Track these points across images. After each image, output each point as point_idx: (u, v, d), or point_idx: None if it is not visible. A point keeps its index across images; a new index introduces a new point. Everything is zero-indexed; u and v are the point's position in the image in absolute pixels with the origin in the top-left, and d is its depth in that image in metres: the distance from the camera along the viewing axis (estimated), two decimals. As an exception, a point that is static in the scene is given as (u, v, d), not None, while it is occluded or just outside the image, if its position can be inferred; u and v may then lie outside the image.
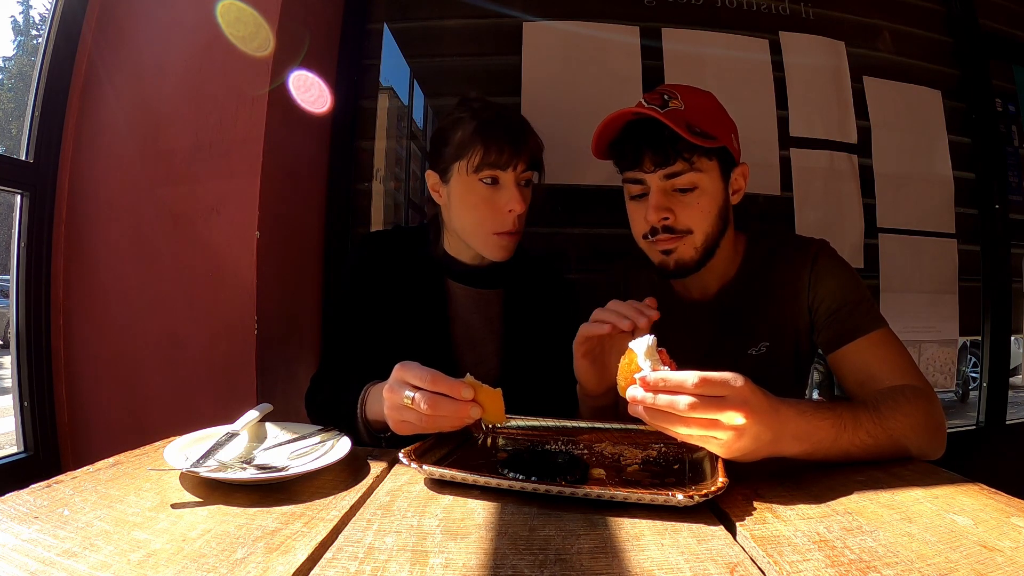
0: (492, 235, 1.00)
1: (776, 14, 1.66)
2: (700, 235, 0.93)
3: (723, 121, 0.97)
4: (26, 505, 0.51)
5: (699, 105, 0.94)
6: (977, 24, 1.79)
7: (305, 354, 1.41)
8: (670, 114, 0.89)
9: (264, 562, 0.42)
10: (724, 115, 0.98)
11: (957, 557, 0.45)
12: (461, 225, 1.03)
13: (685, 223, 0.92)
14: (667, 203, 0.92)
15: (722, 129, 0.94)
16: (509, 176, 0.98)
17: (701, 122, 0.90)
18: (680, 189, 0.92)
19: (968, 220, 1.75)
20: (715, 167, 0.93)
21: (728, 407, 0.58)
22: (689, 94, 0.94)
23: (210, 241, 1.20)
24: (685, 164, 0.90)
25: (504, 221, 0.99)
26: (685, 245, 0.93)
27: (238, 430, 0.71)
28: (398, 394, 0.71)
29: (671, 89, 0.94)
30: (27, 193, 1.17)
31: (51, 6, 1.22)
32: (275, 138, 1.23)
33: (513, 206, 0.98)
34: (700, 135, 0.88)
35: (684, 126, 0.87)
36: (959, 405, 2.18)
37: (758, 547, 0.46)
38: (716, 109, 0.98)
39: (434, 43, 1.60)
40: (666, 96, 0.92)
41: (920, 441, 0.73)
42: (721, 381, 0.59)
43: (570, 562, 0.44)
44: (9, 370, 1.17)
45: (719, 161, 0.94)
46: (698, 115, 0.91)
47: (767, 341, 0.98)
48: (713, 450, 0.62)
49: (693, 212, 0.92)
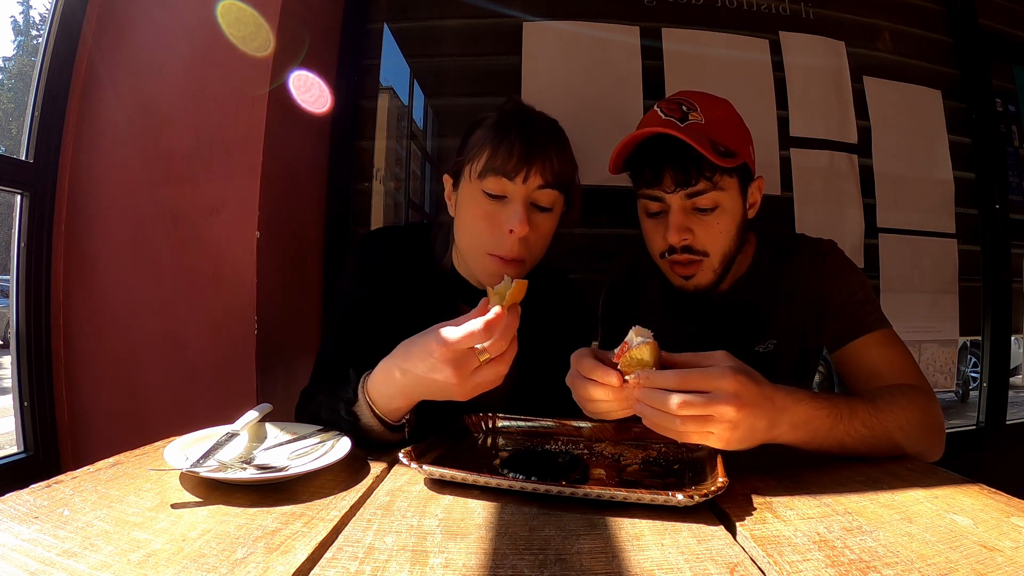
0: (487, 255, 0.85)
1: (776, 14, 1.66)
2: (717, 257, 0.91)
3: (742, 133, 0.93)
4: (26, 505, 0.50)
5: (719, 118, 0.90)
6: (977, 24, 1.80)
7: (305, 354, 1.41)
8: (692, 129, 0.85)
9: (264, 562, 0.42)
10: (742, 126, 0.94)
11: (957, 557, 0.45)
12: (459, 240, 0.90)
13: (704, 244, 0.90)
14: (687, 223, 0.89)
15: (742, 143, 0.90)
16: (518, 189, 0.83)
17: (723, 137, 0.87)
18: (701, 208, 0.89)
19: (968, 220, 1.75)
20: (735, 184, 0.90)
21: (717, 403, 0.59)
22: (708, 105, 0.90)
23: (210, 241, 1.20)
24: (707, 183, 0.86)
25: (501, 242, 0.83)
26: (704, 270, 0.92)
27: (238, 430, 0.71)
28: (470, 360, 0.65)
29: (689, 99, 0.90)
30: (27, 193, 1.17)
31: (51, 6, 1.22)
32: (275, 138, 1.23)
33: (514, 225, 0.81)
34: (723, 154, 0.85)
35: (708, 144, 0.84)
36: (959, 405, 2.18)
37: (758, 547, 0.46)
38: (735, 121, 0.94)
39: (434, 43, 1.60)
40: (685, 107, 0.89)
41: (916, 438, 0.73)
42: (701, 377, 0.60)
43: (570, 562, 0.44)
44: (9, 370, 1.17)
45: (739, 177, 0.91)
46: (719, 129, 0.88)
47: (775, 339, 0.98)
48: (712, 444, 0.62)
49: (713, 233, 0.90)
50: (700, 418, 0.59)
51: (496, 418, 0.86)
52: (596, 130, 1.52)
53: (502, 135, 0.83)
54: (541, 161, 0.82)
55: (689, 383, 0.60)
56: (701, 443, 0.62)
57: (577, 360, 0.68)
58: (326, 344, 0.96)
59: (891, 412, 0.72)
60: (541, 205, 0.85)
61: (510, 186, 0.83)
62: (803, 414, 0.66)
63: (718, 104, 0.93)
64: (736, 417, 0.59)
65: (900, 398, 0.74)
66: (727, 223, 0.90)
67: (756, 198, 0.96)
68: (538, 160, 0.82)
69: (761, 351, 0.98)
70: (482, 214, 0.85)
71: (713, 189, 0.87)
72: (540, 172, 0.83)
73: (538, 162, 0.82)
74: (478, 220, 0.85)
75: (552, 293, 1.01)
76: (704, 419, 0.59)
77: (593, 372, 0.65)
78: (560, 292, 1.04)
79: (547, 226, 0.88)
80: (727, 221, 0.90)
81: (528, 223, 0.82)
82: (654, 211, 0.92)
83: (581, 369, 0.67)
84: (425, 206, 1.66)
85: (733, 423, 0.60)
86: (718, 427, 0.60)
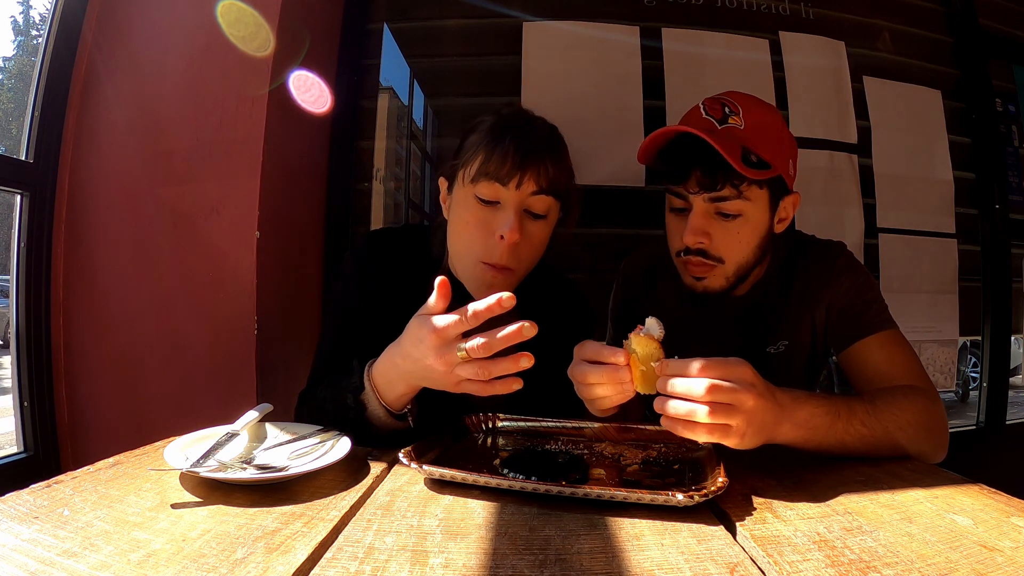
0: (479, 263, 0.84)
1: (776, 14, 1.66)
2: (732, 265, 0.89)
3: (783, 145, 0.89)
4: (26, 505, 0.50)
5: (761, 125, 0.87)
6: (977, 24, 1.80)
7: (305, 354, 1.41)
8: (727, 134, 0.83)
9: (264, 562, 0.42)
10: (786, 138, 0.90)
11: (957, 557, 0.45)
12: (451, 246, 0.89)
13: (719, 251, 0.88)
14: (707, 227, 0.87)
15: (780, 155, 0.87)
16: (511, 195, 0.82)
17: (760, 146, 0.84)
18: (723, 213, 0.87)
19: (968, 220, 1.75)
20: (765, 196, 0.88)
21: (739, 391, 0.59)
22: (753, 110, 0.87)
23: (210, 241, 1.20)
24: (733, 191, 0.84)
25: (492, 249, 0.82)
26: (716, 275, 0.90)
27: (238, 430, 0.71)
28: (449, 355, 0.65)
29: (734, 101, 0.88)
30: (27, 193, 1.17)
31: (51, 6, 1.22)
32: (275, 138, 1.23)
33: (505, 231, 0.80)
34: (755, 165, 0.83)
35: (739, 152, 0.82)
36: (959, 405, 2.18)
37: (758, 547, 0.46)
38: (778, 131, 0.89)
39: (434, 43, 1.60)
40: (727, 109, 0.86)
41: (917, 439, 0.73)
42: (722, 365, 0.60)
43: (570, 562, 0.44)
44: (9, 370, 1.17)
45: (770, 190, 0.88)
46: (758, 137, 0.85)
47: (786, 340, 0.98)
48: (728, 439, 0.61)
49: (731, 241, 0.88)
50: (724, 408, 0.59)
51: (496, 418, 0.86)
52: (596, 130, 1.53)
53: (497, 140, 0.82)
54: (536, 167, 0.81)
55: (712, 370, 0.60)
56: (715, 438, 0.61)
57: (580, 347, 0.68)
58: (323, 347, 0.94)
59: (891, 413, 0.72)
60: (535, 212, 0.84)
61: (503, 191, 0.82)
62: (804, 413, 0.66)
63: (764, 111, 0.90)
64: (754, 406, 0.60)
65: (901, 400, 0.74)
66: (748, 233, 0.88)
67: (788, 213, 0.92)
68: (532, 166, 0.81)
69: (773, 352, 0.99)
70: (474, 220, 0.84)
71: (738, 197, 0.85)
72: (534, 178, 0.81)
73: (532, 168, 0.81)
74: (470, 227, 0.84)
75: (554, 295, 1.00)
76: (727, 409, 0.59)
77: (599, 353, 0.66)
78: (562, 294, 1.03)
79: (540, 235, 0.86)
80: (749, 231, 0.88)
81: (520, 230, 0.81)
82: (677, 207, 0.91)
83: (585, 352, 0.67)
84: (425, 206, 1.65)
85: (750, 414, 0.60)
86: (737, 419, 0.59)
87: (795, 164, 0.91)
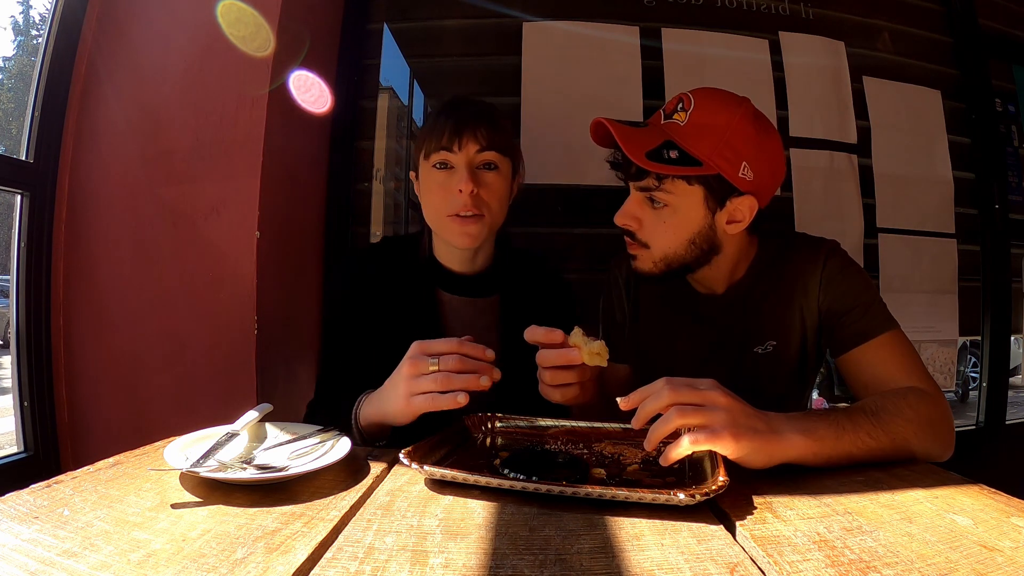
0: (447, 218, 0.97)
1: (776, 14, 1.66)
2: (659, 252, 0.92)
3: (732, 147, 0.86)
4: (26, 505, 0.50)
5: (705, 125, 0.86)
6: (977, 24, 1.80)
7: (305, 354, 1.41)
8: (660, 128, 0.88)
9: (264, 562, 0.42)
10: (740, 141, 0.86)
11: (957, 557, 0.45)
12: (427, 217, 1.02)
13: (646, 236, 0.92)
14: (637, 212, 0.92)
15: (722, 155, 0.85)
16: (460, 158, 0.95)
17: (692, 144, 0.85)
18: (653, 200, 0.90)
19: (968, 220, 1.75)
20: (697, 192, 0.88)
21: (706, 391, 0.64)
22: (707, 110, 0.87)
23: (210, 241, 1.20)
24: (653, 181, 0.88)
25: (454, 202, 0.95)
26: (643, 257, 0.94)
27: (238, 430, 0.71)
28: (421, 363, 0.74)
29: (693, 98, 0.89)
30: (27, 193, 1.17)
31: (51, 6, 1.22)
32: (275, 138, 1.23)
33: (462, 185, 0.94)
34: (672, 161, 0.85)
35: (654, 146, 0.85)
36: (959, 405, 2.18)
37: (758, 547, 0.46)
38: (729, 132, 0.86)
39: (434, 43, 1.60)
40: (681, 105, 0.89)
41: (924, 444, 0.73)
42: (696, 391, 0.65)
43: (570, 562, 0.44)
44: (9, 370, 1.17)
45: (707, 188, 0.88)
46: (694, 136, 0.86)
47: (774, 340, 0.98)
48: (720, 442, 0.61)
49: (659, 229, 0.91)
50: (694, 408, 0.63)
51: (496, 418, 0.86)
52: (596, 130, 1.53)
53: (437, 118, 0.98)
54: (472, 130, 0.95)
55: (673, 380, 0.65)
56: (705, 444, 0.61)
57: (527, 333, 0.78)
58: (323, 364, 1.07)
59: (895, 423, 0.71)
60: (485, 164, 0.98)
61: (451, 156, 0.96)
62: (802, 421, 0.67)
63: (718, 111, 0.87)
64: (727, 404, 0.63)
65: (904, 407, 0.73)
66: (677, 224, 0.90)
67: (742, 216, 0.90)
68: (469, 129, 0.95)
69: (760, 352, 0.98)
70: (436, 186, 0.98)
71: (657, 189, 0.88)
72: (473, 139, 0.96)
73: (469, 131, 0.95)
74: (434, 191, 0.98)
75: (535, 279, 1.11)
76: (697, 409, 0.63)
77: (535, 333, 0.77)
78: (543, 278, 1.13)
79: (497, 183, 0.99)
80: (678, 222, 0.90)
81: (473, 181, 0.95)
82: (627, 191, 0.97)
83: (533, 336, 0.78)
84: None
85: (726, 412, 0.62)
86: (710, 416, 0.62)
87: (761, 170, 0.88)
